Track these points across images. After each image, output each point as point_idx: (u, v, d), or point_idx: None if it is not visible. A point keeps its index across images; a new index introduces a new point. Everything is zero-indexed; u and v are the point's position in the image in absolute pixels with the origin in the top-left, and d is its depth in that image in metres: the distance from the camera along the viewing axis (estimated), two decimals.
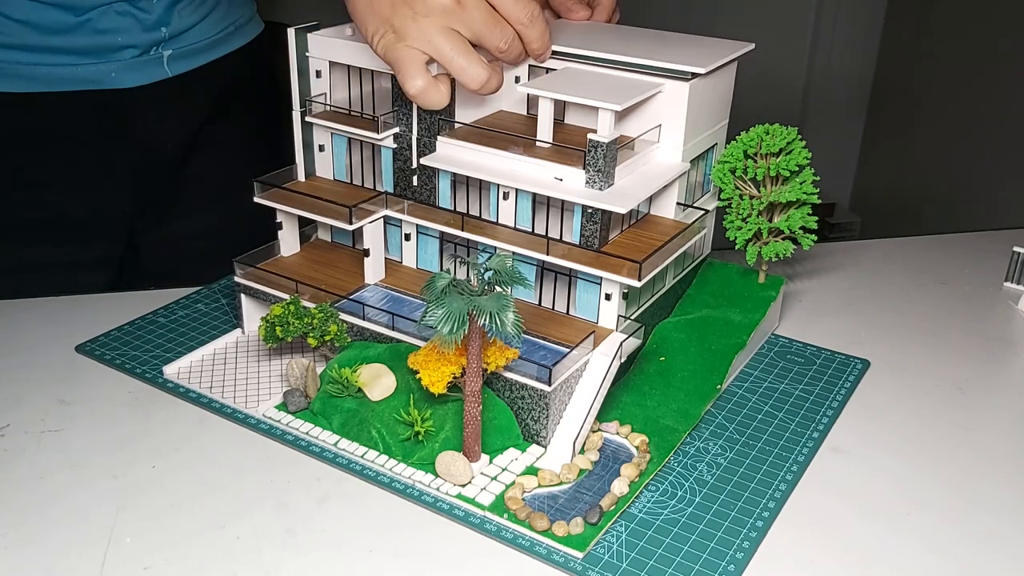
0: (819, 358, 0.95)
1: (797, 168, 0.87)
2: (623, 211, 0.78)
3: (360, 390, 0.80)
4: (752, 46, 0.89)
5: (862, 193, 3.17)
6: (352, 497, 0.74)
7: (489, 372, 0.75)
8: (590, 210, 0.80)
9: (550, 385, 0.76)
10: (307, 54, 0.90)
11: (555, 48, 0.87)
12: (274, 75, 1.41)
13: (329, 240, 1.00)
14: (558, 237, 0.84)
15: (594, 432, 0.80)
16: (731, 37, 0.92)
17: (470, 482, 0.74)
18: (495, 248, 0.85)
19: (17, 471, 0.76)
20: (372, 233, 0.90)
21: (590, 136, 0.79)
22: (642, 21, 0.97)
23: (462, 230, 0.86)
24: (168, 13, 1.16)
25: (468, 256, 0.89)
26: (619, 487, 0.73)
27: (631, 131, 0.85)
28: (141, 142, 1.19)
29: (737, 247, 0.90)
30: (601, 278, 0.82)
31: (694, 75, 0.82)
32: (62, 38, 1.11)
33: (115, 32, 1.13)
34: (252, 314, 0.94)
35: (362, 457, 0.77)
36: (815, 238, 0.90)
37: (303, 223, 0.96)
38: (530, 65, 0.90)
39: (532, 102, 0.91)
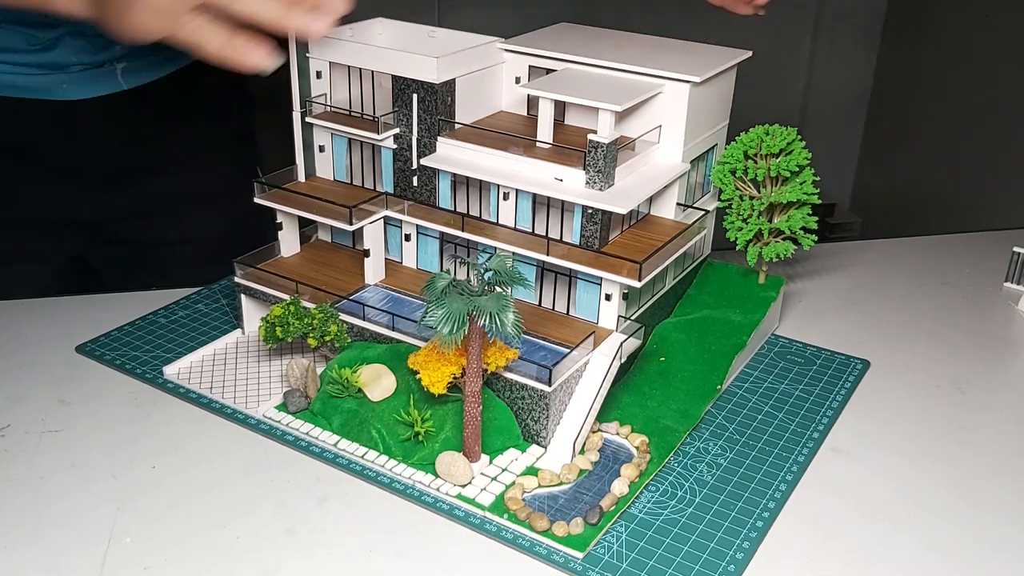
0: (819, 358, 0.95)
1: (797, 168, 0.87)
2: (623, 211, 0.78)
3: (360, 390, 0.80)
4: (749, 53, 0.90)
5: (862, 193, 3.17)
6: (352, 497, 0.74)
7: (489, 372, 0.75)
8: (590, 210, 0.80)
9: (550, 385, 0.76)
10: (307, 54, 0.90)
11: (558, 55, 0.87)
12: (242, 83, 1.39)
13: (329, 240, 1.00)
14: (558, 237, 0.84)
15: (594, 432, 0.80)
16: (733, 36, 0.92)
17: (470, 482, 0.74)
18: (495, 248, 0.85)
19: (17, 471, 0.76)
20: (372, 233, 0.90)
21: (590, 137, 0.79)
22: (647, 22, 0.97)
23: (462, 230, 0.86)
24: None
25: (468, 256, 0.90)
26: (619, 487, 0.73)
27: (631, 132, 0.86)
28: (91, 151, 1.17)
29: (738, 248, 0.90)
30: (601, 278, 0.82)
31: (690, 83, 0.83)
32: (12, 55, 1.08)
33: (68, 52, 1.10)
34: (252, 314, 0.94)
35: (362, 457, 0.77)
36: (815, 238, 0.91)
37: (303, 223, 0.96)
38: (531, 66, 0.90)
39: (532, 103, 0.91)
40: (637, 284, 0.79)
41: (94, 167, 1.21)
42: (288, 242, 0.95)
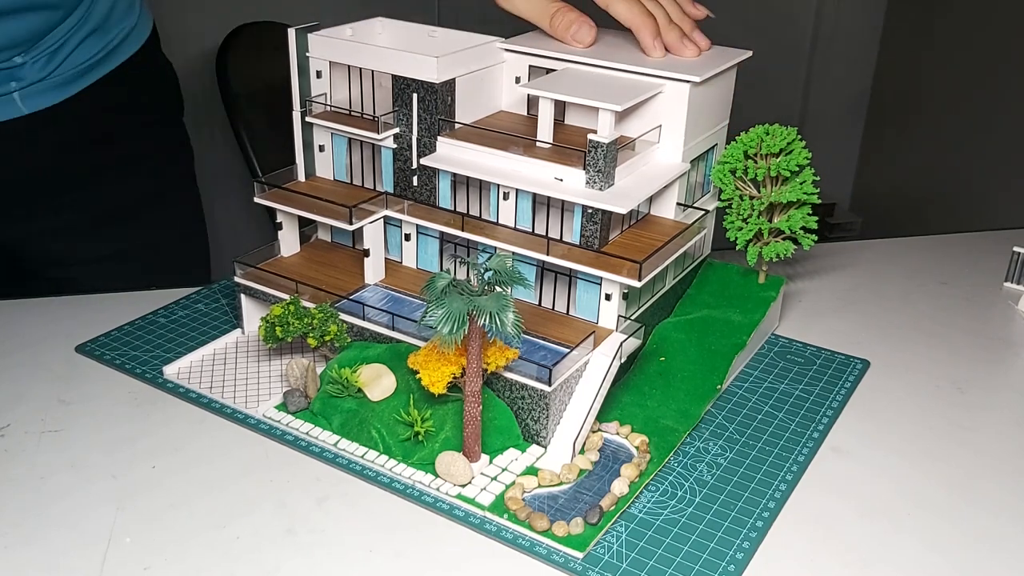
0: (819, 358, 0.95)
1: (797, 168, 0.87)
2: (623, 211, 0.78)
3: (360, 390, 0.80)
4: (749, 53, 0.90)
5: (862, 193, 3.17)
6: (352, 497, 0.74)
7: (489, 372, 0.75)
8: (590, 210, 0.80)
9: (550, 385, 0.76)
10: (307, 54, 0.90)
11: (558, 54, 0.87)
12: (169, 82, 1.31)
13: (329, 240, 1.00)
14: (558, 237, 0.84)
15: (594, 432, 0.80)
16: (733, 35, 0.92)
17: (470, 482, 0.74)
18: (495, 248, 0.85)
19: (17, 471, 0.76)
20: (372, 233, 0.90)
21: (590, 136, 0.79)
22: None
23: (462, 230, 0.86)
24: (18, 70, 1.08)
25: (468, 256, 0.89)
26: (619, 487, 0.73)
27: (631, 131, 0.86)
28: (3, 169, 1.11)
29: (738, 248, 0.90)
30: (601, 278, 0.82)
31: (690, 83, 0.83)
32: None
33: None
34: (252, 314, 0.94)
35: (362, 457, 0.77)
36: (815, 238, 0.91)
37: (303, 223, 0.96)
38: (531, 66, 0.90)
39: (532, 102, 0.91)
40: (637, 284, 0.79)
41: (4, 186, 1.15)
42: (288, 242, 0.95)
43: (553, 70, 0.88)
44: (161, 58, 1.30)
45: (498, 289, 0.70)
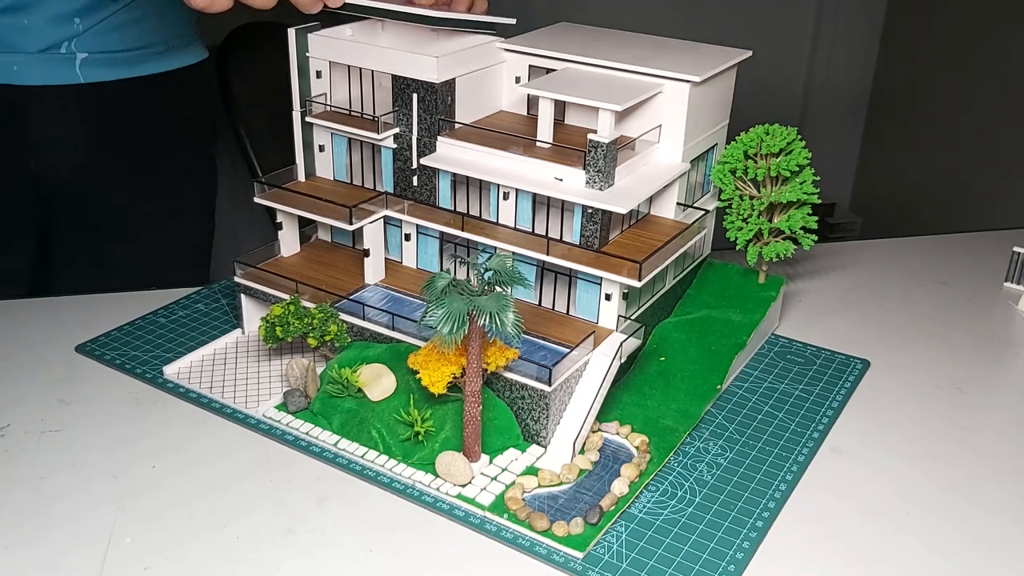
0: (819, 358, 0.95)
1: (797, 168, 0.87)
2: (623, 211, 0.78)
3: (360, 390, 0.80)
4: (749, 53, 0.90)
5: (862, 193, 3.17)
6: (352, 497, 0.74)
7: (489, 372, 0.75)
8: (590, 210, 0.80)
9: (550, 385, 0.76)
10: (307, 54, 0.90)
11: (558, 54, 0.87)
12: (211, 110, 1.33)
13: (329, 240, 1.00)
14: (558, 237, 0.84)
15: (594, 432, 0.80)
16: (734, 36, 0.92)
17: (470, 482, 0.74)
18: (495, 248, 0.85)
19: (17, 471, 0.76)
20: (372, 233, 0.90)
21: (590, 136, 0.79)
22: (649, 25, 0.97)
23: (462, 230, 0.86)
24: (78, 39, 1.09)
25: (468, 256, 0.90)
26: (619, 487, 0.73)
27: (631, 131, 0.86)
28: (41, 146, 1.13)
29: (738, 248, 0.90)
30: (601, 278, 0.82)
31: (690, 83, 0.83)
32: None
33: (19, 10, 1.04)
34: (252, 314, 0.94)
35: (362, 457, 0.77)
36: (815, 238, 0.91)
37: (303, 223, 0.96)
38: (531, 66, 0.90)
39: (532, 102, 0.91)
40: (637, 284, 0.79)
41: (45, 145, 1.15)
42: (288, 242, 0.95)
43: (553, 70, 0.88)
44: (212, 90, 1.33)
45: (498, 289, 0.70)
